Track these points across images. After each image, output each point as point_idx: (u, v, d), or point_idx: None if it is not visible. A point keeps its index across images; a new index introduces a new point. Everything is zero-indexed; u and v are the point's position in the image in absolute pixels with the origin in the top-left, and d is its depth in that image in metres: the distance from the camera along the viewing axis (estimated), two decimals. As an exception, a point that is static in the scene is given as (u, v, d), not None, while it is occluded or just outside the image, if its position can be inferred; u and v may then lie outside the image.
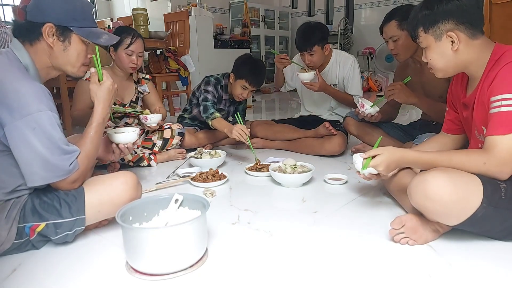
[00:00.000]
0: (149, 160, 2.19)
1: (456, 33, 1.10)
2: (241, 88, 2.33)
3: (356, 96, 2.40)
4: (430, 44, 1.16)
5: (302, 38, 2.25)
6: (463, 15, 1.08)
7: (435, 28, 1.12)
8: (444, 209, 1.06)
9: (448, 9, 1.09)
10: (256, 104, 5.37)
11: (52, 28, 1.15)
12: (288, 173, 1.81)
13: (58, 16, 1.15)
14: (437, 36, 1.13)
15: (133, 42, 2.07)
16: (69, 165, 1.12)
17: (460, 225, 1.09)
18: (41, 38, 1.16)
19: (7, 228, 1.09)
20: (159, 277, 1.02)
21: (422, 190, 1.07)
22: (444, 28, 1.11)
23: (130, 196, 1.23)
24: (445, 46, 1.13)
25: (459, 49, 1.11)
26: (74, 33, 1.19)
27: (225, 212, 1.51)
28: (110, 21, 4.59)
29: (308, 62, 2.31)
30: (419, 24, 1.16)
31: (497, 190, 1.04)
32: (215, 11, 6.66)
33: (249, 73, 2.29)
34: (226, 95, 2.47)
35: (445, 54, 1.14)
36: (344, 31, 6.70)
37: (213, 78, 2.43)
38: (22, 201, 1.14)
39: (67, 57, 1.21)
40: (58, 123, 1.12)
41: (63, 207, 1.15)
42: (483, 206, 1.02)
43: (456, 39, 1.10)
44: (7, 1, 5.23)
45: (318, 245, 1.22)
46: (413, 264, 1.08)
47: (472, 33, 1.10)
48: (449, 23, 1.10)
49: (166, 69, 3.66)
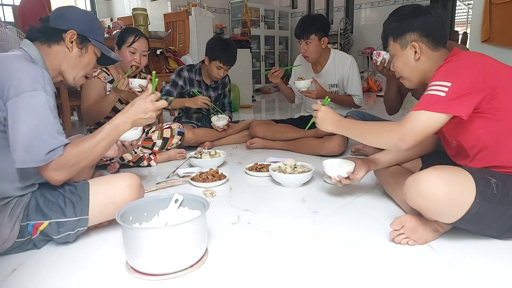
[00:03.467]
0: (149, 160, 2.19)
1: (419, 44, 1.23)
2: (217, 68, 2.48)
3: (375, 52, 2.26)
4: (397, 52, 1.29)
5: (301, 25, 2.30)
6: (427, 29, 1.22)
7: (402, 38, 1.26)
8: (439, 206, 1.07)
9: (415, 23, 1.23)
10: (256, 104, 5.38)
11: (74, 35, 1.26)
12: (288, 173, 1.81)
13: (81, 26, 1.28)
14: (403, 45, 1.27)
15: (136, 40, 2.10)
16: (46, 152, 1.05)
17: (458, 222, 1.09)
18: (61, 42, 1.25)
19: (10, 226, 1.09)
20: (159, 277, 1.02)
21: (416, 189, 1.09)
22: (409, 39, 1.25)
23: (133, 199, 1.23)
24: (409, 55, 1.26)
25: (420, 58, 1.25)
26: (91, 44, 1.32)
27: (225, 212, 1.51)
28: (110, 21, 4.59)
29: (303, 51, 2.32)
30: (389, 33, 1.30)
31: (488, 186, 1.07)
32: (215, 11, 6.66)
33: (221, 53, 2.43)
34: (199, 77, 2.62)
35: (409, 62, 1.27)
36: (344, 31, 6.70)
37: (185, 66, 2.63)
38: (25, 199, 1.14)
39: (80, 63, 1.30)
40: (51, 107, 1.09)
41: (67, 206, 1.15)
42: (477, 201, 1.04)
43: (419, 49, 1.23)
44: (7, 1, 5.23)
45: (318, 245, 1.22)
46: (413, 264, 1.08)
47: (433, 46, 1.23)
48: (414, 34, 1.24)
49: (166, 69, 3.66)
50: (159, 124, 2.39)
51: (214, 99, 2.72)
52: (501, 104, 1.11)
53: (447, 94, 1.08)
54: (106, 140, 1.18)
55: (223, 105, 2.82)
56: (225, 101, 2.82)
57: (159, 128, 2.29)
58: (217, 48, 2.44)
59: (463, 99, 1.08)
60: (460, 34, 5.65)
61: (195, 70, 2.62)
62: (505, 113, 1.12)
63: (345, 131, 1.38)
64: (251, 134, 2.64)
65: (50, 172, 1.09)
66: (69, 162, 1.11)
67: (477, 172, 1.10)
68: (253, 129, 2.59)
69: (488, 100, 1.10)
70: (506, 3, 2.72)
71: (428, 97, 1.12)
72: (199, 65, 2.63)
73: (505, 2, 2.72)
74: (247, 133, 2.71)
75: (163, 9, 5.61)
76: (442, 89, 1.10)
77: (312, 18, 2.31)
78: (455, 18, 6.63)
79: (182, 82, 2.58)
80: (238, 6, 6.83)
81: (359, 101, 2.44)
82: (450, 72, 1.12)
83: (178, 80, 2.57)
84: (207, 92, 2.65)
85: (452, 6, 6.34)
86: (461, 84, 1.09)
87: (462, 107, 1.08)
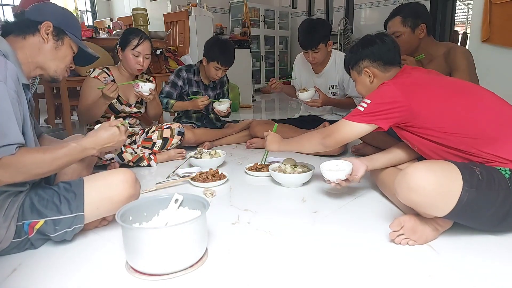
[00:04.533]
0: (149, 160, 2.19)
1: (371, 70, 1.47)
2: (215, 69, 2.48)
3: None
4: (356, 77, 1.55)
5: (306, 37, 2.26)
6: (374, 56, 1.46)
7: (357, 66, 1.52)
8: (429, 198, 1.09)
9: (364, 53, 1.48)
10: (256, 104, 5.38)
11: (50, 26, 1.26)
12: (288, 173, 1.81)
13: (57, 19, 1.29)
14: (359, 72, 1.52)
15: (140, 43, 2.09)
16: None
17: (451, 214, 1.10)
18: (36, 33, 1.25)
19: (5, 227, 1.09)
20: (159, 277, 1.02)
21: (405, 184, 1.11)
22: (362, 66, 1.49)
23: (129, 194, 1.23)
24: (365, 79, 1.51)
25: (373, 81, 1.48)
26: (68, 37, 1.32)
27: (225, 212, 1.51)
28: (110, 21, 4.59)
29: (312, 59, 2.32)
30: (347, 63, 1.58)
31: (473, 174, 1.10)
32: (215, 11, 6.66)
33: (219, 54, 2.44)
34: (197, 77, 2.61)
35: (365, 85, 1.52)
36: (344, 31, 6.69)
37: (184, 67, 2.64)
38: (20, 199, 1.14)
39: (56, 55, 1.30)
40: (11, 99, 1.02)
41: (63, 204, 1.15)
42: (465, 189, 1.07)
43: (371, 74, 1.47)
44: (7, 1, 5.23)
45: (318, 245, 1.22)
46: (413, 264, 1.08)
47: (384, 68, 1.46)
48: (365, 61, 1.48)
49: (166, 69, 3.66)
50: (159, 124, 2.39)
51: (213, 99, 2.72)
52: (426, 120, 1.27)
53: (365, 109, 1.35)
54: (68, 158, 1.16)
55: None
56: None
57: (159, 128, 2.29)
58: (215, 49, 2.44)
59: (377, 115, 1.33)
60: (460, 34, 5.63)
61: (193, 70, 2.62)
62: (435, 123, 1.26)
63: (288, 147, 1.74)
64: (251, 134, 2.64)
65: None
66: (20, 165, 1.03)
67: (460, 163, 1.15)
68: (253, 129, 2.59)
69: (412, 118, 1.29)
70: (506, 3, 2.72)
71: (352, 111, 1.41)
72: (197, 66, 2.63)
73: (505, 2, 2.72)
74: (247, 133, 2.71)
75: (163, 9, 5.60)
76: (363, 105, 1.36)
77: (314, 27, 2.26)
78: (455, 18, 6.62)
79: (181, 83, 2.58)
80: (238, 6, 6.83)
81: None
82: (376, 92, 1.37)
83: (178, 81, 2.57)
84: (205, 92, 2.65)
85: (452, 6, 6.34)
86: (378, 103, 1.33)
87: (375, 120, 1.34)
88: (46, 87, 3.12)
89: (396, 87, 1.32)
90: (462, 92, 1.30)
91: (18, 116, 1.05)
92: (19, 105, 1.07)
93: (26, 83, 1.16)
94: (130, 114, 2.23)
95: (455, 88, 1.32)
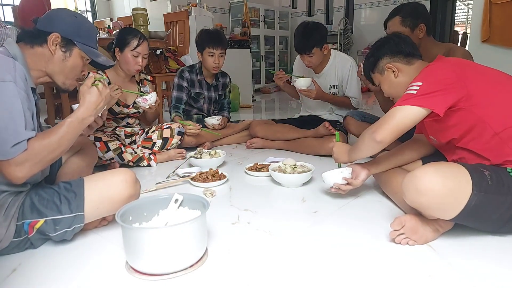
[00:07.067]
0: (149, 160, 2.19)
1: (393, 64, 1.37)
2: (210, 56, 2.48)
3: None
4: (380, 79, 1.44)
5: (300, 41, 2.25)
6: (392, 50, 1.38)
7: (378, 67, 1.42)
8: (438, 202, 1.08)
9: (380, 53, 1.40)
10: (256, 104, 5.37)
11: (58, 38, 1.23)
12: (288, 173, 1.81)
13: (65, 28, 1.25)
14: (381, 71, 1.41)
15: (140, 44, 2.08)
16: (12, 145, 1.02)
17: (458, 217, 1.10)
18: (44, 44, 1.22)
19: (5, 226, 1.09)
20: (159, 277, 1.02)
21: (414, 186, 1.10)
22: (382, 64, 1.40)
23: (129, 193, 1.23)
24: (389, 76, 1.39)
25: (399, 75, 1.37)
26: (76, 47, 1.28)
27: (225, 212, 1.51)
28: (110, 21, 4.58)
29: (307, 63, 2.32)
30: (368, 70, 1.48)
31: (483, 177, 1.09)
32: (215, 11, 6.66)
33: (208, 40, 2.47)
34: (200, 76, 2.62)
35: (392, 82, 1.39)
36: (344, 31, 6.70)
37: (186, 67, 2.64)
38: (20, 199, 1.14)
39: (63, 67, 1.27)
40: (21, 99, 1.05)
41: (63, 203, 1.15)
42: (475, 193, 1.06)
43: (395, 68, 1.37)
44: (7, 1, 5.23)
45: (318, 245, 1.22)
46: (413, 264, 1.08)
47: (406, 60, 1.37)
48: (384, 59, 1.39)
49: (166, 69, 3.66)
50: (159, 124, 2.39)
51: (214, 100, 2.72)
52: (479, 102, 1.16)
53: (417, 92, 1.18)
54: (70, 134, 1.16)
55: (223, 105, 2.82)
56: (224, 102, 2.81)
57: (159, 128, 2.29)
58: (202, 37, 2.49)
59: (434, 95, 1.15)
60: (460, 34, 5.63)
61: (195, 70, 2.61)
62: (481, 109, 1.16)
63: (357, 155, 1.46)
64: (251, 134, 2.64)
65: (12, 167, 1.03)
66: (34, 156, 1.06)
67: (470, 166, 1.13)
68: (253, 129, 2.59)
69: (465, 100, 1.16)
70: (506, 3, 2.71)
71: (402, 97, 1.23)
72: (199, 65, 2.63)
73: (505, 2, 2.72)
74: (247, 133, 2.71)
75: (163, 9, 5.60)
76: (414, 88, 1.20)
77: (310, 31, 2.24)
78: (455, 18, 6.62)
79: (186, 84, 2.57)
80: (238, 6, 6.83)
81: (356, 103, 2.46)
82: (424, 74, 1.22)
83: (182, 82, 2.56)
84: (208, 92, 2.65)
85: (452, 6, 6.34)
86: (432, 82, 1.17)
87: (432, 102, 1.15)
88: (46, 87, 3.12)
89: (445, 64, 1.22)
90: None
91: (28, 114, 1.07)
92: (29, 102, 1.09)
93: (33, 87, 1.16)
94: (128, 114, 2.22)
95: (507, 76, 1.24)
